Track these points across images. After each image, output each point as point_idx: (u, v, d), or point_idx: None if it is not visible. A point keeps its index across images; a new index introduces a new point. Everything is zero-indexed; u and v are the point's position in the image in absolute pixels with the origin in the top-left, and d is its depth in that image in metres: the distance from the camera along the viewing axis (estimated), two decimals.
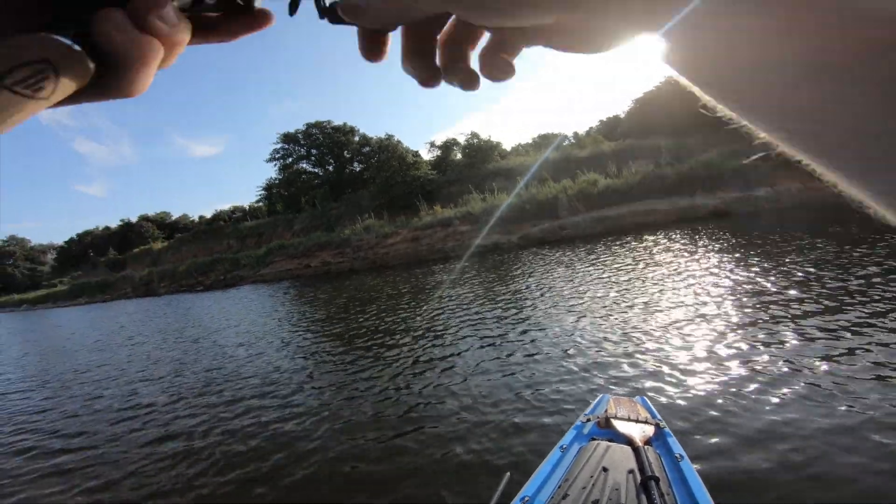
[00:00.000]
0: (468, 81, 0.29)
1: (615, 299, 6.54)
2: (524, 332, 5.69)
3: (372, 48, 0.28)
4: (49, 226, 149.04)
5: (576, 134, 35.24)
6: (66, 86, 0.17)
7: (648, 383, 3.55)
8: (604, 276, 8.55)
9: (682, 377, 3.55)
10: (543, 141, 36.49)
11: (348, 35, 0.34)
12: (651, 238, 13.47)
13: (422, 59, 0.29)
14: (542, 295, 7.83)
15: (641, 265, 8.97)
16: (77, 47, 0.17)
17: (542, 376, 4.04)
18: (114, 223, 56.70)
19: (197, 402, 5.07)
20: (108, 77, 0.18)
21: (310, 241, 25.77)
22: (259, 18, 0.27)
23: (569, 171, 23.06)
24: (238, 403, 4.79)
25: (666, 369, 3.75)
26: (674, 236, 12.99)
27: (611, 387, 3.60)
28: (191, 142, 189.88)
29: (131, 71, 0.18)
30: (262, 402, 4.71)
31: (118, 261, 43.79)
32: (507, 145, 35.33)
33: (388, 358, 5.54)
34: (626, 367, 3.96)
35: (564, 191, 20.69)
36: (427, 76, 0.29)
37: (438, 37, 0.29)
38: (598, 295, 7.00)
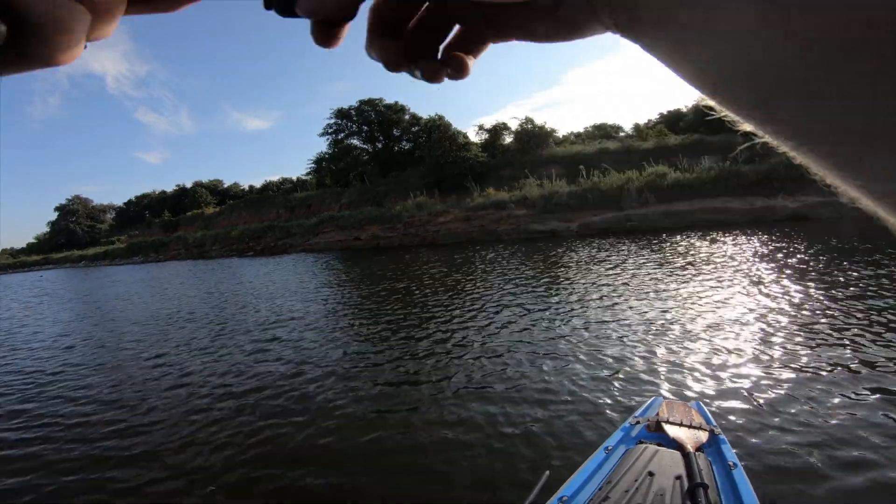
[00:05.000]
0: (432, 74, 0.28)
1: (683, 297, 5.97)
2: (581, 323, 5.30)
3: (328, 33, 0.25)
4: (110, 189, 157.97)
5: (636, 125, 33.57)
6: None
7: (706, 389, 3.28)
8: (676, 272, 7.92)
9: (746, 385, 3.27)
10: (599, 131, 35.05)
11: None
12: (725, 237, 12.64)
13: (390, 40, 0.27)
14: (604, 286, 7.26)
15: (718, 265, 8.28)
16: None
17: (592, 372, 3.72)
18: (169, 189, 59.15)
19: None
20: (27, 46, 0.16)
21: (361, 215, 25.87)
22: None
23: (630, 163, 21.96)
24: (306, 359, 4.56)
25: (728, 376, 3.46)
26: (748, 237, 12.16)
27: (666, 391, 3.31)
28: (244, 115, 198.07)
29: (52, 40, 0.16)
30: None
31: (172, 222, 45.80)
32: (559, 133, 34.07)
33: (435, 336, 5.30)
34: (684, 370, 3.64)
35: (631, 181, 19.71)
36: (395, 59, 0.28)
37: (410, 24, 0.28)
38: (668, 292, 6.40)
